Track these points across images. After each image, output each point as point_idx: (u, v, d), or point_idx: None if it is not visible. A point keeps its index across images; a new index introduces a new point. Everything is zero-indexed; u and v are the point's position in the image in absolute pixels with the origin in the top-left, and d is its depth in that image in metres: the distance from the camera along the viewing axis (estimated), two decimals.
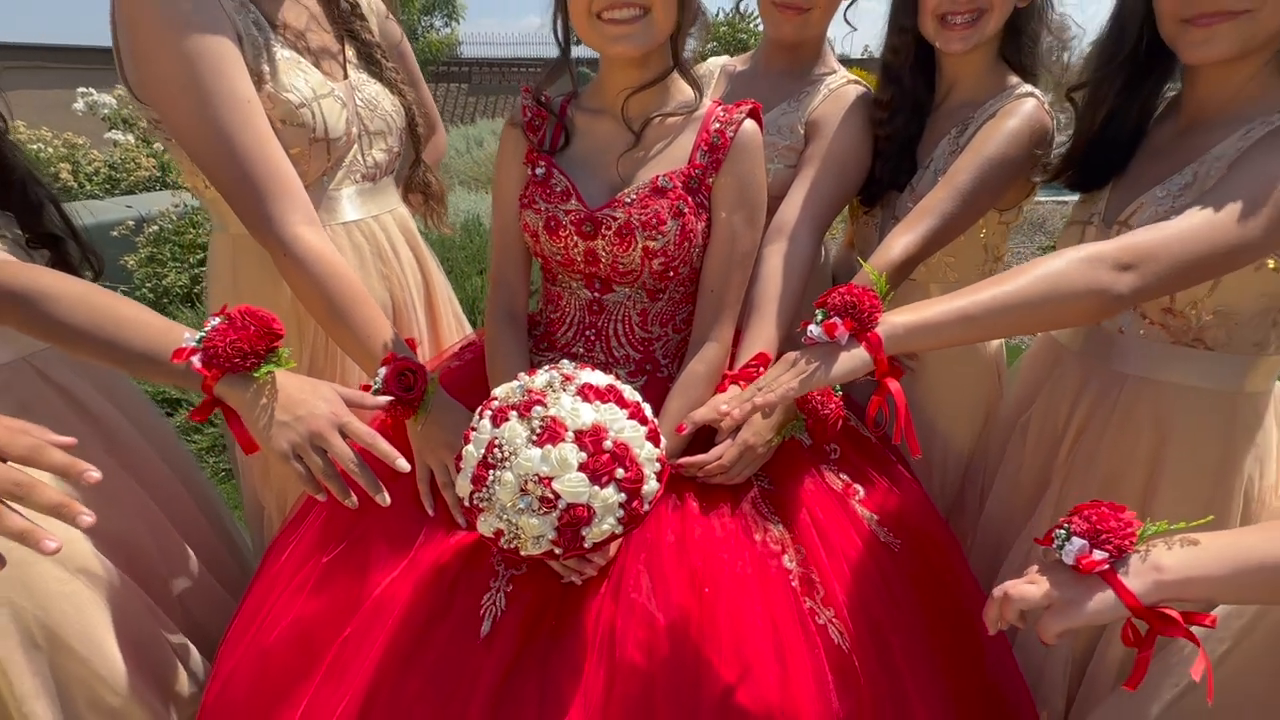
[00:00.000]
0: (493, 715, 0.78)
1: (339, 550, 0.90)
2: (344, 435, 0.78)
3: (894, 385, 0.77)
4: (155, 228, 3.48)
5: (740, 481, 0.92)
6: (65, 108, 5.70)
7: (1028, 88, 1.05)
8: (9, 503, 0.59)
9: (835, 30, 1.30)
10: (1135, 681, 0.68)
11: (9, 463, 0.61)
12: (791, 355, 0.79)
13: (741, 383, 0.92)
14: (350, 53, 1.08)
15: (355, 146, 1.07)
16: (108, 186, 5.60)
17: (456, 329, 1.30)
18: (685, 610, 0.81)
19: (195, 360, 0.72)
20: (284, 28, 0.98)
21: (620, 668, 0.80)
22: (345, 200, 1.08)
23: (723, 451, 0.89)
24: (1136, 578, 0.62)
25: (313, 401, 0.78)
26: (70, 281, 0.75)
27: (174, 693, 1.07)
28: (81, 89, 5.78)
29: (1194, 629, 0.62)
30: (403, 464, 0.79)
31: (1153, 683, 0.90)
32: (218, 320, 0.74)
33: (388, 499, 0.80)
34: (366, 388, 0.90)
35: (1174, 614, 0.61)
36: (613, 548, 0.84)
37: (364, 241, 1.10)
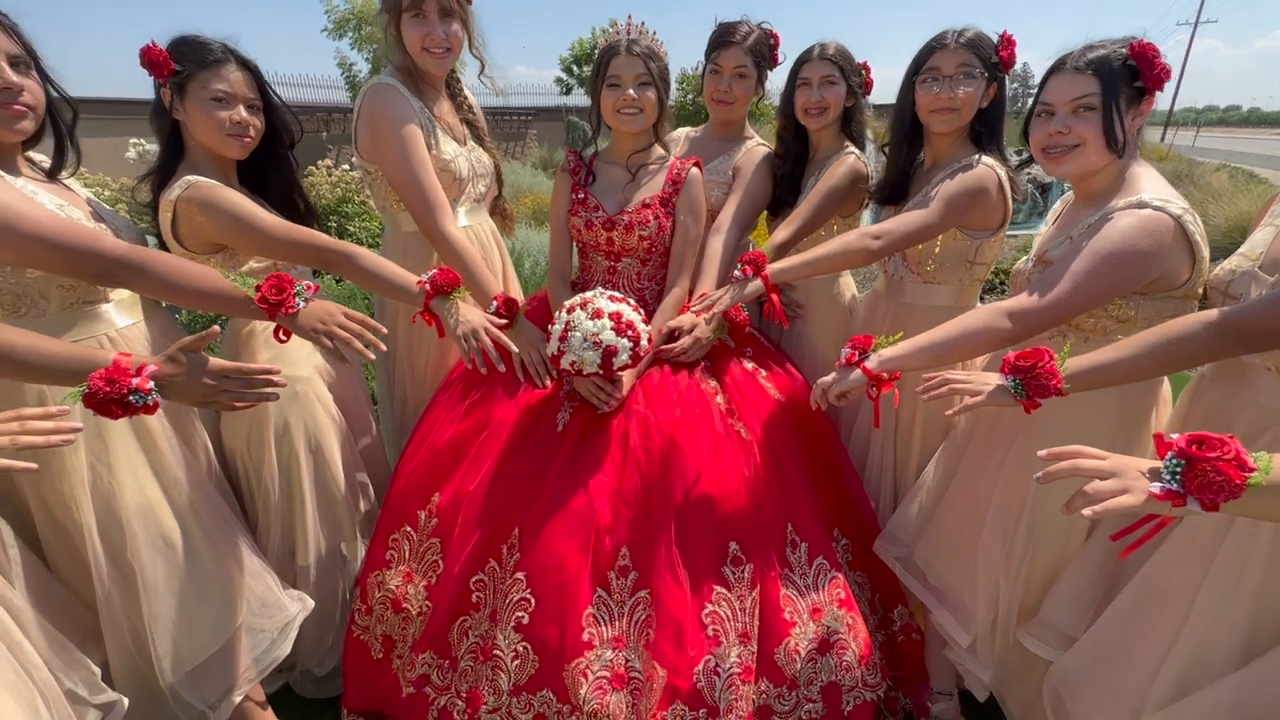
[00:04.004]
0: (564, 471, 1.51)
1: (475, 397, 1.64)
2: (487, 334, 1.53)
3: (775, 297, 1.55)
4: None
5: (693, 360, 1.67)
6: (119, 156, 6.31)
7: (854, 149, 1.85)
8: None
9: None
10: (877, 422, 1.42)
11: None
12: (725, 286, 1.57)
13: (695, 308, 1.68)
14: (466, 130, 1.87)
15: (470, 184, 1.84)
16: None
17: (517, 294, 2.06)
18: (665, 419, 1.55)
19: (427, 287, 1.47)
20: (439, 118, 1.76)
21: (631, 449, 1.53)
22: (463, 214, 1.85)
23: (684, 342, 1.64)
24: (870, 361, 1.34)
25: (474, 316, 1.54)
26: (361, 248, 1.50)
27: (358, 508, 1.78)
28: (133, 139, 6.44)
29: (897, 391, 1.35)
30: (514, 348, 1.54)
31: (909, 513, 1.64)
32: (434, 270, 1.49)
33: (504, 368, 1.54)
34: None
35: (885, 375, 1.33)
36: (626, 385, 1.58)
37: (473, 238, 1.86)
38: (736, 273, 1.58)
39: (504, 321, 1.59)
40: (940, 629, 1.56)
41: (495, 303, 1.63)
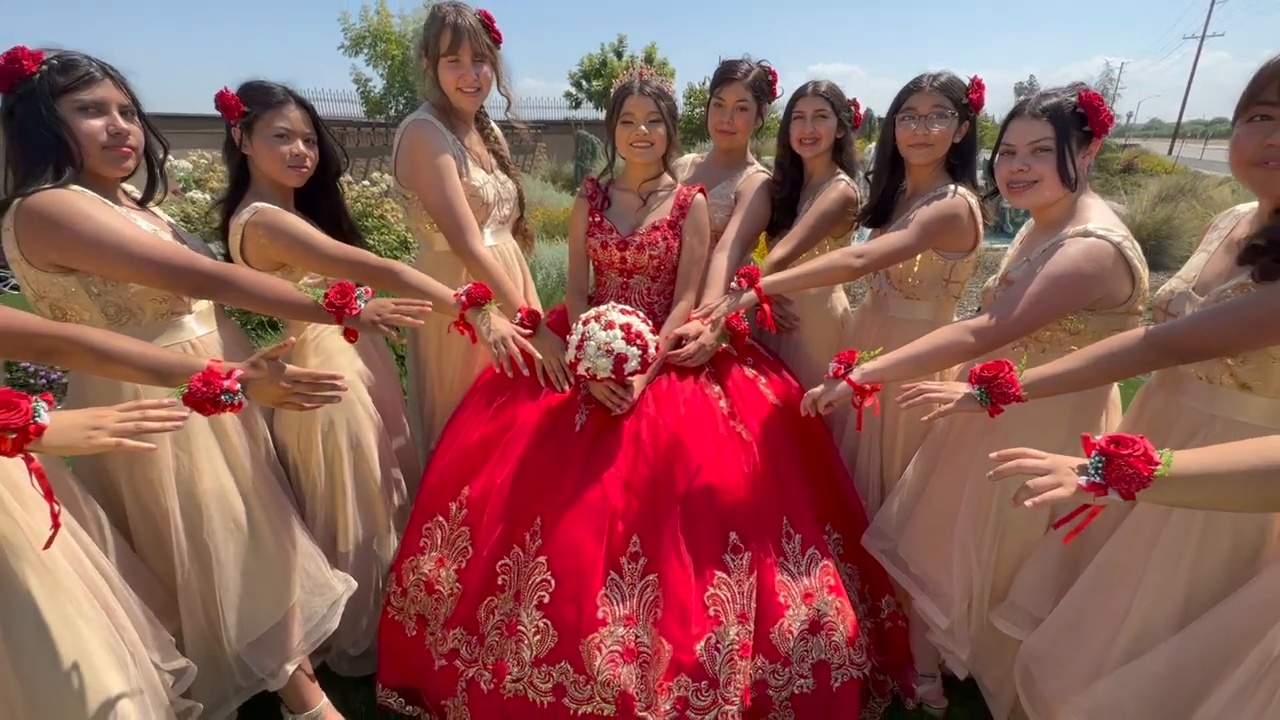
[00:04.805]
0: (581, 467, 1.68)
1: (501, 400, 1.82)
2: (514, 342, 1.71)
3: (767, 307, 1.73)
4: None
5: (698, 367, 1.85)
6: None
7: (844, 177, 2.03)
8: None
9: None
10: (860, 425, 1.59)
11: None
12: (724, 295, 1.75)
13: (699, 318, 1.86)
14: (493, 160, 2.06)
15: (496, 207, 2.03)
16: None
17: (537, 306, 2.25)
18: (672, 420, 1.72)
19: (463, 299, 1.66)
20: (469, 149, 1.96)
21: (642, 446, 1.70)
22: (489, 234, 2.04)
23: (689, 348, 1.82)
24: (854, 374, 1.51)
25: (503, 325, 1.72)
26: (403, 265, 1.69)
27: (392, 501, 1.96)
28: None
29: (874, 398, 1.52)
30: (538, 354, 1.72)
31: (892, 509, 1.80)
32: (470, 285, 1.68)
33: (527, 372, 1.72)
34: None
35: (867, 387, 1.51)
36: (636, 389, 1.75)
37: (498, 256, 2.05)
38: (733, 284, 1.76)
39: (528, 331, 1.78)
40: (922, 614, 1.71)
41: (519, 315, 1.81)
